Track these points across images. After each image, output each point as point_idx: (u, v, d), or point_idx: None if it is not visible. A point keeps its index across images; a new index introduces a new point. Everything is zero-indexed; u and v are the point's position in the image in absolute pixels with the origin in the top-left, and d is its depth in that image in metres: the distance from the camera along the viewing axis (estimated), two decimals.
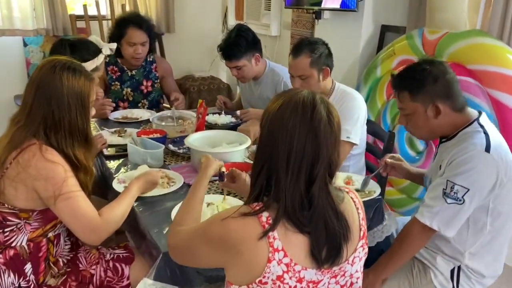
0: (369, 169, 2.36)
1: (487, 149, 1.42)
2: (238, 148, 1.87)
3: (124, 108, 2.80)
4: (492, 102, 2.39)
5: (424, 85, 1.51)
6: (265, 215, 1.02)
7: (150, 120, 2.46)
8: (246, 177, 1.51)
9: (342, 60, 3.42)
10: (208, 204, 1.56)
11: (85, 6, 4.14)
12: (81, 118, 1.46)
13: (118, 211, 1.47)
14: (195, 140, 1.98)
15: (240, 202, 1.53)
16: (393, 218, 1.77)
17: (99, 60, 2.07)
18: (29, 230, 1.44)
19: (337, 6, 3.15)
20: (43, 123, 1.41)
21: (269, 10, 4.33)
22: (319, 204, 1.01)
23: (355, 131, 2.03)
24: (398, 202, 2.89)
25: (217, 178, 1.73)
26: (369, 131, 2.31)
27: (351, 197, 1.13)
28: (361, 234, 1.11)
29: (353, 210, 1.11)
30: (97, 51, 2.08)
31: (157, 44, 4.58)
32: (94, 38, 2.12)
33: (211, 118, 2.59)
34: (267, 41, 4.47)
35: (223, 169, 1.56)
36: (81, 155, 1.47)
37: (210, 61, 5.08)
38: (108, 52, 2.11)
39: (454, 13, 2.60)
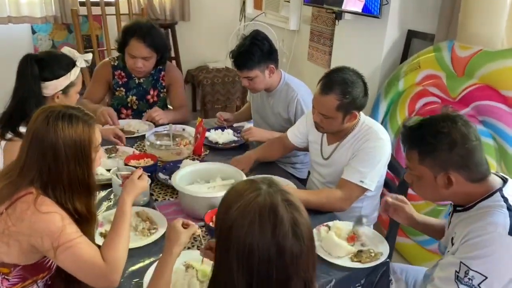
0: None
1: (511, 231, 1.18)
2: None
3: (127, 115, 2.63)
4: None
5: (437, 150, 1.26)
6: None
7: (146, 136, 2.28)
8: None
9: (362, 67, 3.12)
10: (187, 268, 1.38)
11: None
12: (81, 168, 1.32)
13: (120, 246, 1.32)
14: (186, 175, 1.79)
15: None
16: (401, 282, 1.56)
17: (74, 74, 1.86)
18: (5, 286, 1.32)
19: (359, 10, 2.85)
20: (39, 179, 1.28)
21: (289, 2, 4.03)
22: None
23: (371, 176, 1.78)
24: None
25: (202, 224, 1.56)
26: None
27: None
28: None
29: None
30: (70, 64, 1.86)
31: (170, 33, 4.42)
32: (68, 49, 1.90)
33: (212, 136, 2.40)
34: (285, 35, 4.20)
35: (199, 232, 1.35)
36: (83, 206, 1.34)
37: (226, 52, 4.81)
38: (84, 65, 1.90)
39: (490, 28, 2.28)
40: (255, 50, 2.23)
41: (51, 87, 1.80)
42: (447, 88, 2.47)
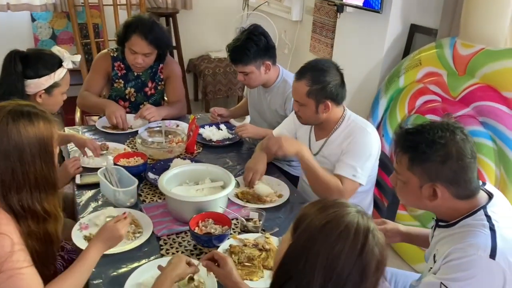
0: (377, 206, 2.09)
1: (492, 254, 1.13)
2: (218, 195, 1.64)
3: (124, 107, 2.60)
4: None
5: (429, 161, 1.21)
6: None
7: (139, 133, 2.25)
8: (232, 267, 1.26)
9: (364, 61, 3.08)
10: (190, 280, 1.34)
11: None
12: (47, 165, 1.28)
13: (66, 285, 1.26)
14: (173, 176, 1.76)
15: None
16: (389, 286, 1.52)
17: (59, 74, 1.83)
18: None
19: (359, 3, 2.77)
20: (0, 184, 1.23)
21: None
22: None
23: (363, 170, 1.78)
24: None
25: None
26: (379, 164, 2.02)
27: None
28: None
29: None
30: (55, 64, 1.83)
31: (171, 21, 4.35)
32: (57, 49, 1.87)
33: (206, 133, 2.36)
34: (287, 26, 4.12)
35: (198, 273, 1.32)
36: (50, 205, 1.31)
37: (228, 41, 4.74)
38: (70, 66, 1.86)
39: (493, 26, 2.21)
40: (250, 46, 2.18)
41: (33, 86, 1.78)
42: (447, 87, 2.41)
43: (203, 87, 4.60)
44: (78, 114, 2.83)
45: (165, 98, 2.75)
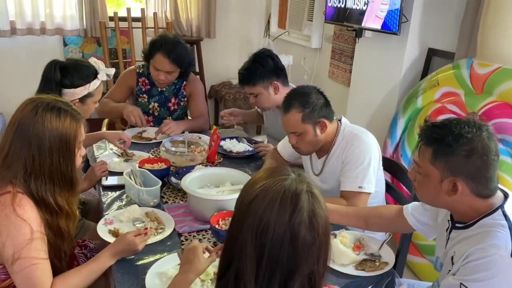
0: None
1: None
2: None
3: (148, 122, 2.70)
4: None
5: (453, 154, 1.21)
6: None
7: (162, 142, 2.33)
8: None
9: (382, 84, 3.15)
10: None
11: (128, 9, 4.09)
12: (65, 162, 1.35)
13: (74, 283, 1.32)
14: (195, 179, 1.82)
15: None
16: None
17: (93, 85, 1.94)
18: None
19: (378, 27, 2.87)
20: (23, 168, 1.30)
21: (311, 21, 4.09)
22: None
23: (368, 179, 1.79)
24: (431, 248, 2.58)
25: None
26: (389, 170, 2.06)
27: None
28: None
29: None
30: (91, 76, 1.94)
31: (195, 48, 4.53)
32: (94, 60, 1.99)
33: (226, 145, 2.43)
34: (307, 53, 4.24)
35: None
36: (63, 200, 1.36)
37: None
38: (105, 78, 1.98)
39: (510, 45, 2.26)
40: (256, 67, 2.29)
41: (69, 94, 1.88)
42: (465, 106, 2.44)
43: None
44: (104, 128, 2.95)
45: (188, 115, 2.84)
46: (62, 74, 1.87)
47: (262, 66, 2.28)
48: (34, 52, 4.13)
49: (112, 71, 1.99)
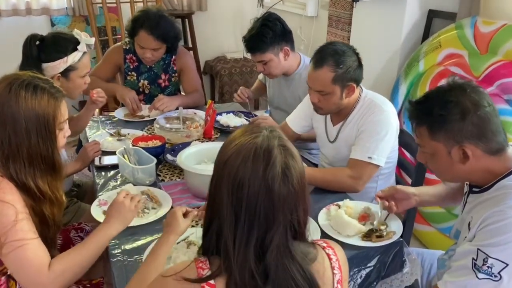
0: None
1: None
2: None
3: (140, 100, 2.60)
4: None
5: (448, 122, 1.16)
6: (210, 286, 0.85)
7: (156, 119, 2.24)
8: None
9: (382, 49, 3.03)
10: (189, 245, 1.33)
11: None
12: (45, 144, 1.24)
13: (74, 261, 1.23)
14: (192, 154, 1.74)
15: None
16: (417, 263, 1.46)
17: (73, 57, 1.81)
18: None
19: None
20: (0, 150, 1.21)
21: None
22: (278, 276, 0.86)
23: (379, 151, 1.69)
24: (437, 216, 2.53)
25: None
26: (400, 143, 1.97)
27: (327, 254, 0.96)
28: None
29: (326, 270, 0.94)
30: (69, 47, 1.81)
31: (187, 23, 4.39)
32: (76, 32, 1.87)
33: (223, 119, 2.35)
34: (303, 22, 4.10)
35: (199, 215, 1.30)
36: (45, 185, 1.27)
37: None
38: (85, 49, 1.85)
39: None
40: (266, 32, 2.16)
41: (49, 69, 1.78)
42: (469, 67, 2.35)
43: (220, 88, 4.61)
44: (96, 110, 2.85)
45: (181, 91, 2.75)
46: (39, 48, 1.77)
47: (273, 31, 2.14)
48: (20, 34, 3.85)
49: (91, 41, 1.86)
